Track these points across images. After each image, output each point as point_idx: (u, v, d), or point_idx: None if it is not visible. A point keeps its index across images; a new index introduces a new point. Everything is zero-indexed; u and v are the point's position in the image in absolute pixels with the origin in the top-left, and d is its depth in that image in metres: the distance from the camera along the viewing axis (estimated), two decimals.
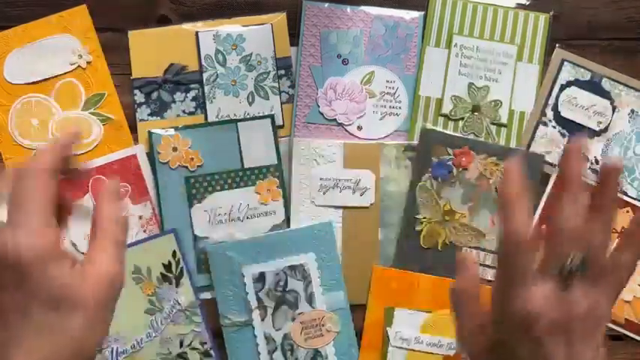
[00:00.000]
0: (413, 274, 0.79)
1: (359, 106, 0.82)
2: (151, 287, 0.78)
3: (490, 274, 0.79)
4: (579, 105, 0.82)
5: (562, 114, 0.82)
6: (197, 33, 0.82)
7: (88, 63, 0.82)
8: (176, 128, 0.80)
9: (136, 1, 0.82)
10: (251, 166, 0.81)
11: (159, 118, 0.81)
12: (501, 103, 0.82)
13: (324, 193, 0.80)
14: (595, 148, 0.81)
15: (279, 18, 0.82)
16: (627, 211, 0.80)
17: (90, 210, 0.45)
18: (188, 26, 0.82)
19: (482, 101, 0.82)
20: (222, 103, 0.81)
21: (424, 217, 0.80)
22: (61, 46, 0.81)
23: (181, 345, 0.78)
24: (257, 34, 0.82)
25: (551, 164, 0.81)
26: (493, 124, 0.82)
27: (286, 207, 0.80)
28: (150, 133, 0.80)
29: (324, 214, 0.80)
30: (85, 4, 0.82)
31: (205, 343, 0.79)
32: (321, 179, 0.80)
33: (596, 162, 0.81)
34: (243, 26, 0.82)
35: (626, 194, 0.80)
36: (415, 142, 0.81)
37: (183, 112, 0.82)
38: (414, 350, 0.78)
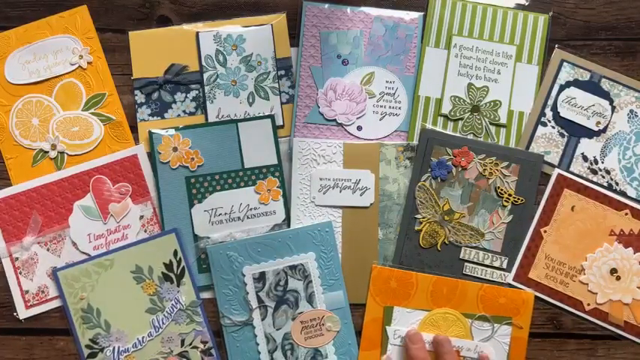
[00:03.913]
0: (412, 274, 0.79)
1: (359, 107, 0.82)
2: (152, 287, 0.79)
3: (489, 274, 0.80)
4: (578, 105, 0.82)
5: (561, 114, 0.82)
6: (197, 33, 0.82)
7: (89, 63, 0.82)
8: (176, 128, 0.81)
9: (136, 1, 0.83)
10: (251, 166, 0.81)
11: (159, 118, 0.82)
12: (501, 103, 0.82)
13: (324, 193, 0.81)
14: (594, 148, 0.81)
15: (280, 18, 0.82)
16: (626, 214, 0.80)
17: None
18: (188, 27, 0.82)
19: (482, 101, 0.82)
20: (222, 103, 0.82)
21: (423, 217, 0.80)
22: (62, 47, 0.81)
23: (182, 344, 0.79)
24: (257, 35, 0.82)
25: (550, 164, 0.81)
26: (492, 124, 0.82)
27: (286, 207, 0.81)
28: (150, 133, 0.80)
29: (324, 214, 0.81)
30: (86, 4, 0.82)
31: (207, 342, 0.79)
32: (321, 179, 0.81)
33: (596, 162, 0.81)
34: (244, 27, 0.82)
35: (625, 195, 0.80)
36: (414, 142, 0.81)
37: (184, 112, 0.82)
38: None
